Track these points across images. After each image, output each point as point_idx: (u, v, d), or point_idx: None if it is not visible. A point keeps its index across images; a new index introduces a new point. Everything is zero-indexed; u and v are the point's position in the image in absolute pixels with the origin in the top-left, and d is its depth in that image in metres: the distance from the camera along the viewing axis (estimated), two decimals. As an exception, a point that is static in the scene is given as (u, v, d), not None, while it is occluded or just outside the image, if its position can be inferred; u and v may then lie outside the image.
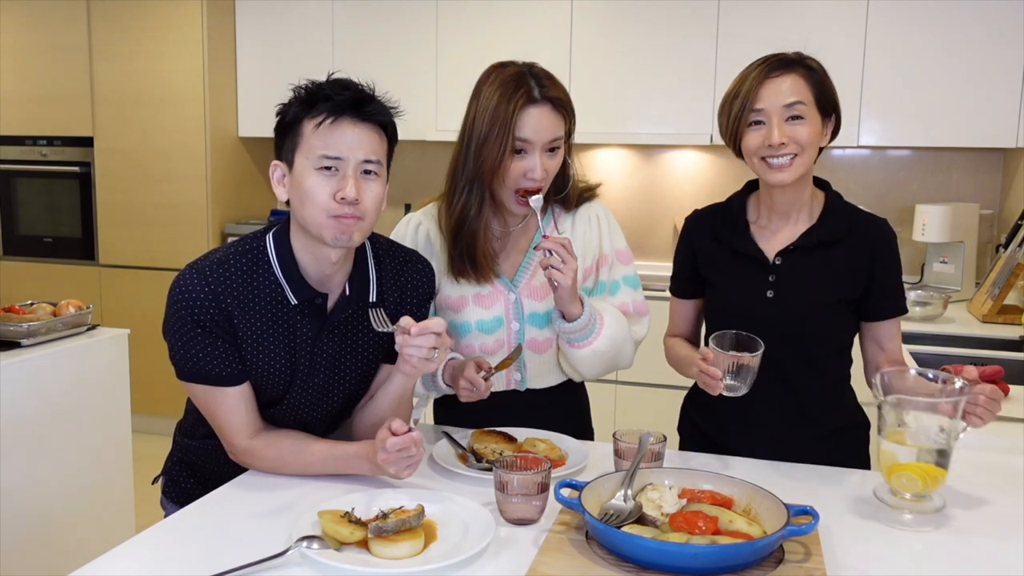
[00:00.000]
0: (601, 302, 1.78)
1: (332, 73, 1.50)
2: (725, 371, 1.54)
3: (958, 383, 1.44)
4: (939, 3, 3.49)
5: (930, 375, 1.49)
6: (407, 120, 1.48)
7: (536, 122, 1.62)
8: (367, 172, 1.44)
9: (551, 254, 1.59)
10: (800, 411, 1.71)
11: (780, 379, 1.69)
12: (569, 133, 1.71)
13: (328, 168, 1.41)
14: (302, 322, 1.51)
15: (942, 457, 1.40)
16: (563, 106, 1.66)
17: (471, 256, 1.71)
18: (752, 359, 1.53)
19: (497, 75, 1.66)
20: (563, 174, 1.76)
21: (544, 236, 1.61)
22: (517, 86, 1.62)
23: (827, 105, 1.62)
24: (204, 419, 1.55)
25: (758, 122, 1.60)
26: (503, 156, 1.62)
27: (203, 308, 1.43)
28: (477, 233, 1.70)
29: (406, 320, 1.42)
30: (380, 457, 1.41)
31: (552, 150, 1.66)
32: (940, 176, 3.96)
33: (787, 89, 1.58)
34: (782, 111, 1.57)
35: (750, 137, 1.61)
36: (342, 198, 1.40)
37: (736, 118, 1.61)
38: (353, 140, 1.42)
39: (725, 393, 1.55)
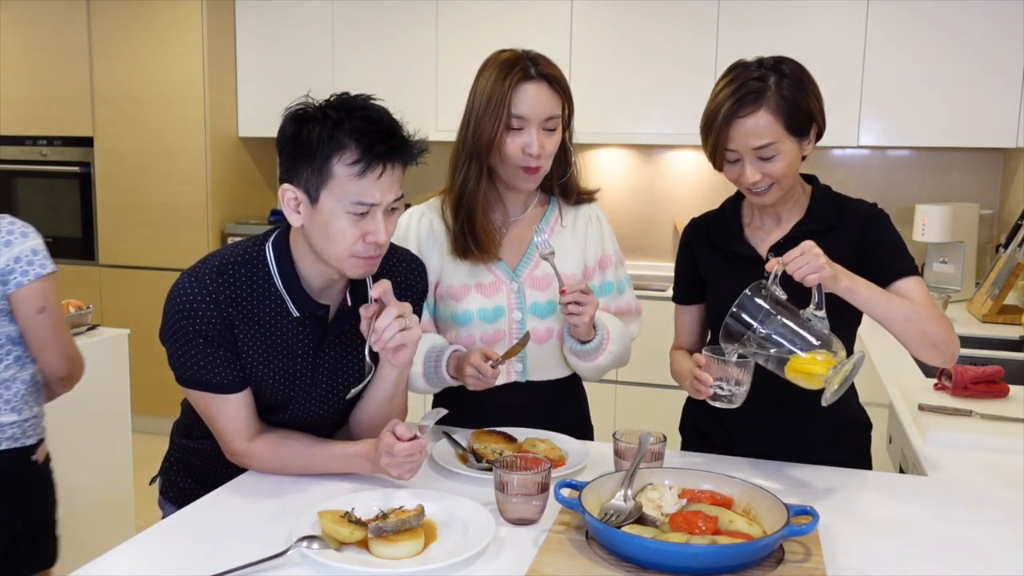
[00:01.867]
0: (605, 314, 1.81)
1: (345, 93, 1.42)
2: (715, 381, 1.53)
3: (764, 285, 1.47)
4: (939, 3, 3.49)
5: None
6: (407, 120, 1.47)
7: (532, 98, 1.67)
8: (392, 209, 1.43)
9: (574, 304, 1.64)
10: (801, 410, 1.71)
11: (779, 376, 1.69)
12: (568, 116, 1.76)
13: (360, 213, 1.38)
14: (303, 334, 1.50)
15: (816, 341, 1.45)
16: (559, 84, 1.70)
17: (471, 230, 1.74)
18: (740, 372, 1.52)
19: (495, 58, 1.72)
20: (564, 159, 1.80)
21: (562, 291, 1.65)
22: (513, 65, 1.68)
23: (801, 126, 1.59)
24: (200, 420, 1.55)
25: (732, 161, 1.62)
26: (498, 130, 1.66)
27: (205, 317, 1.42)
28: (476, 207, 1.73)
29: (364, 309, 1.46)
30: (384, 460, 1.41)
31: (550, 129, 1.70)
32: (940, 176, 3.96)
33: (754, 131, 1.56)
34: (752, 152, 1.58)
35: (728, 170, 1.64)
36: (373, 241, 1.40)
37: (712, 152, 1.63)
38: (386, 184, 1.38)
39: (713, 403, 1.55)
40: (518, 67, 1.67)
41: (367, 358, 1.46)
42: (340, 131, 1.35)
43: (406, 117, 1.46)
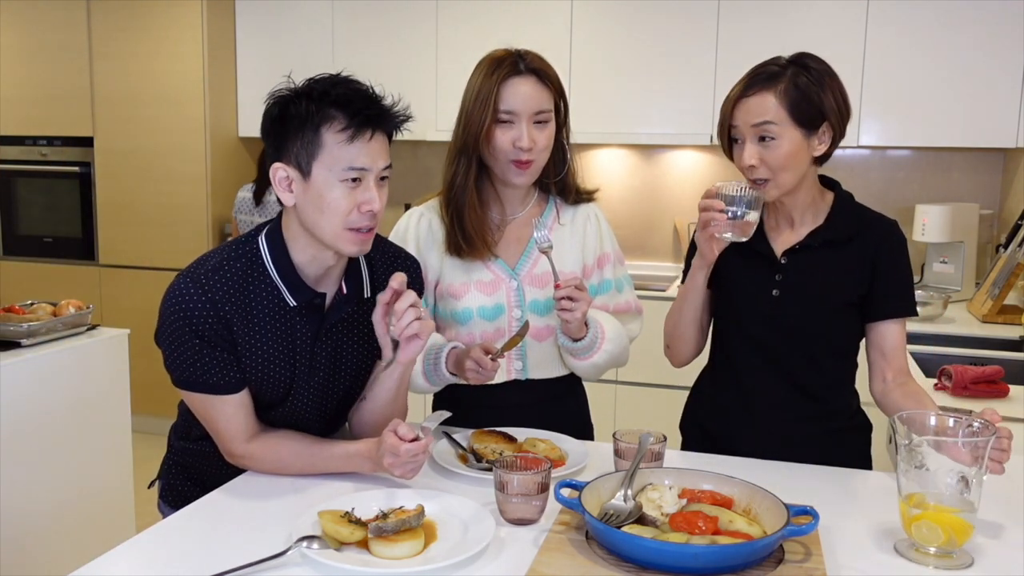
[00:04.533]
0: (602, 313, 1.81)
1: (339, 72, 1.46)
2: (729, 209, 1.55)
3: (976, 424, 1.30)
4: (939, 4, 3.49)
5: (950, 421, 1.35)
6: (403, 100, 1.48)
7: (520, 92, 1.68)
8: (383, 179, 1.44)
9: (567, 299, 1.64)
10: (802, 410, 1.71)
11: (783, 378, 1.69)
12: (564, 114, 1.77)
13: (353, 180, 1.39)
14: (301, 323, 1.50)
15: (967, 507, 1.26)
16: (549, 79, 1.71)
17: (461, 226, 1.75)
18: (750, 200, 1.54)
19: (486, 57, 1.74)
20: (561, 158, 1.81)
21: (556, 285, 1.65)
22: (502, 61, 1.70)
23: (809, 119, 1.58)
24: (197, 421, 1.55)
25: (736, 141, 1.62)
26: (485, 122, 1.68)
27: (201, 318, 1.42)
28: (464, 202, 1.75)
29: (381, 296, 1.46)
30: (388, 461, 1.42)
31: (540, 123, 1.70)
32: (940, 176, 3.96)
33: (755, 109, 1.56)
34: (752, 131, 1.58)
35: (734, 153, 1.64)
36: (368, 210, 1.40)
37: (720, 133, 1.64)
38: (376, 150, 1.41)
39: (723, 235, 1.56)
40: (506, 62, 1.69)
41: (388, 337, 1.47)
42: (326, 101, 1.39)
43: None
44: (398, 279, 1.45)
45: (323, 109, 1.38)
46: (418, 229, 1.82)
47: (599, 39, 3.93)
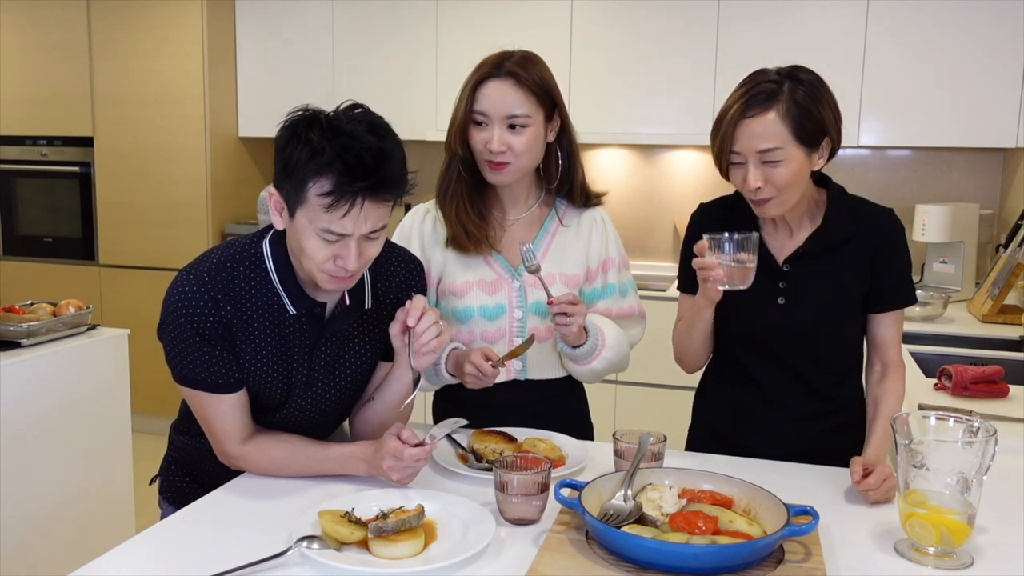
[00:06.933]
0: (604, 319, 1.81)
1: (351, 106, 1.38)
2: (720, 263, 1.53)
3: (976, 423, 1.30)
4: (939, 3, 3.49)
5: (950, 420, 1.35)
6: (407, 120, 1.48)
7: (492, 94, 1.68)
8: (370, 237, 1.39)
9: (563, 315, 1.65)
10: (810, 407, 1.71)
11: (791, 377, 1.69)
12: (562, 118, 1.76)
13: (331, 240, 1.36)
14: (299, 332, 1.50)
15: (966, 508, 1.25)
16: (529, 83, 1.68)
17: (447, 219, 1.77)
18: (745, 254, 1.52)
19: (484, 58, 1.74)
20: (567, 163, 1.80)
21: (550, 302, 1.65)
22: (486, 63, 1.70)
23: (811, 136, 1.55)
24: None
25: (737, 163, 1.58)
26: (459, 123, 1.70)
27: (203, 316, 1.42)
28: (447, 197, 1.77)
29: (401, 315, 1.46)
30: (388, 464, 1.42)
31: (517, 126, 1.69)
32: (940, 176, 3.96)
33: (760, 133, 1.52)
34: (756, 155, 1.54)
35: (732, 174, 1.61)
36: (342, 266, 1.37)
37: (718, 155, 1.60)
38: (360, 218, 1.34)
39: (722, 288, 1.54)
40: (489, 63, 1.69)
41: (411, 362, 1.48)
42: (319, 159, 1.30)
43: (406, 117, 1.46)
44: (415, 310, 1.44)
45: (315, 165, 1.31)
46: (423, 226, 1.82)
47: (599, 39, 3.93)
